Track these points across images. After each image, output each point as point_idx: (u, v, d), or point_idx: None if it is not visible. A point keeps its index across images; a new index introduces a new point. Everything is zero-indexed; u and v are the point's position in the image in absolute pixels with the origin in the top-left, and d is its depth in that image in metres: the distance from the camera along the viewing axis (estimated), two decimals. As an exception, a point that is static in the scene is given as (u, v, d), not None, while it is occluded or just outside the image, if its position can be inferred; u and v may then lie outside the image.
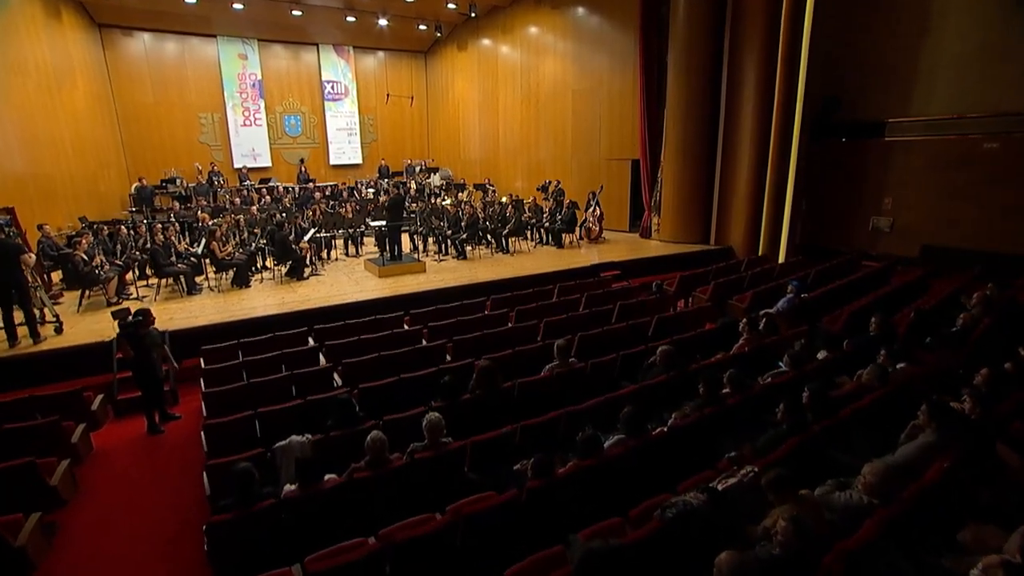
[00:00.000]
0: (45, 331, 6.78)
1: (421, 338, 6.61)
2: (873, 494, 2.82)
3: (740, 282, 9.32)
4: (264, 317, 7.34)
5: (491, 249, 11.66)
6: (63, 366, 6.35)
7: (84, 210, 12.70)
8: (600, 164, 14.53)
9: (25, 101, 11.15)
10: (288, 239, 9.28)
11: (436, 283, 8.97)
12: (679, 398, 5.09)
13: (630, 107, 13.49)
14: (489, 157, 17.99)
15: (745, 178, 11.97)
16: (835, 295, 8.55)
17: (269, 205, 13.35)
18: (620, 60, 13.59)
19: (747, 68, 11.45)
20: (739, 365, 5.51)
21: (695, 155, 12.35)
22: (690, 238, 12.80)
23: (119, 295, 8.29)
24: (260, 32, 16.99)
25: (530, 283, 9.19)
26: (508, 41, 16.47)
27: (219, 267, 8.79)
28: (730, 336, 6.73)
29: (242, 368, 5.58)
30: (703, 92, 12.00)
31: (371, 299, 8.06)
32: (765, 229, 12.09)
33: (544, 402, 4.78)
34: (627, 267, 10.72)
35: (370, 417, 4.38)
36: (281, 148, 18.15)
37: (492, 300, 7.79)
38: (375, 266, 9.60)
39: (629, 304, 7.61)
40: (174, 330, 6.82)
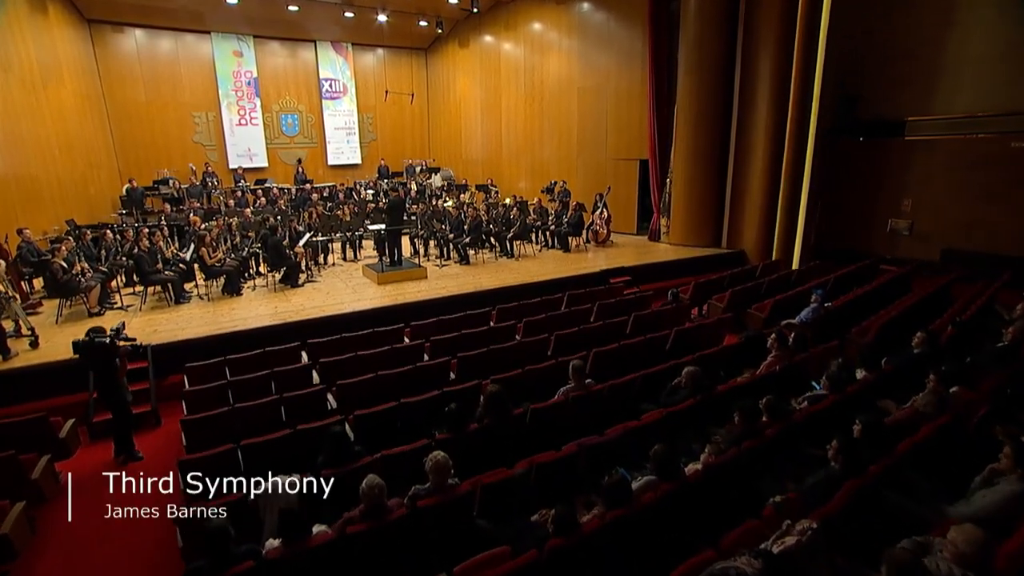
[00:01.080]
0: (19, 345, 6.32)
1: (423, 353, 6.15)
2: (968, 566, 2.36)
3: (757, 289, 8.85)
4: (255, 330, 6.88)
5: (495, 253, 11.20)
6: (36, 385, 5.90)
7: (72, 213, 12.21)
8: (607, 164, 14.05)
9: (7, 99, 10.66)
10: (282, 244, 8.81)
11: (438, 291, 8.50)
12: (706, 422, 4.64)
13: (638, 105, 13.01)
14: (491, 157, 17.50)
15: (758, 179, 11.50)
16: (860, 304, 8.08)
17: (264, 207, 12.87)
18: (627, 57, 13.12)
19: (761, 64, 10.99)
20: (770, 386, 5.06)
21: (706, 155, 11.89)
22: (701, 241, 12.33)
23: (102, 304, 7.82)
24: (256, 28, 16.49)
25: (537, 291, 8.73)
26: (511, 38, 15.99)
27: (209, 274, 8.31)
28: (755, 351, 6.27)
29: (228, 389, 5.11)
30: (715, 90, 11.53)
31: (369, 309, 7.60)
32: (779, 232, 11.63)
33: (559, 430, 4.32)
34: (638, 273, 10.26)
35: (367, 450, 3.92)
36: (278, 148, 17.65)
37: (498, 310, 7.32)
38: (374, 272, 9.13)
39: (644, 315, 7.14)
40: (157, 344, 6.35)
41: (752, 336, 6.23)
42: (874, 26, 11.07)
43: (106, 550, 3.94)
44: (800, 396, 5.06)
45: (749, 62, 11.15)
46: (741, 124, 11.51)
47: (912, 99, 10.82)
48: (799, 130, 10.89)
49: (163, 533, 3.85)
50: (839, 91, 11.29)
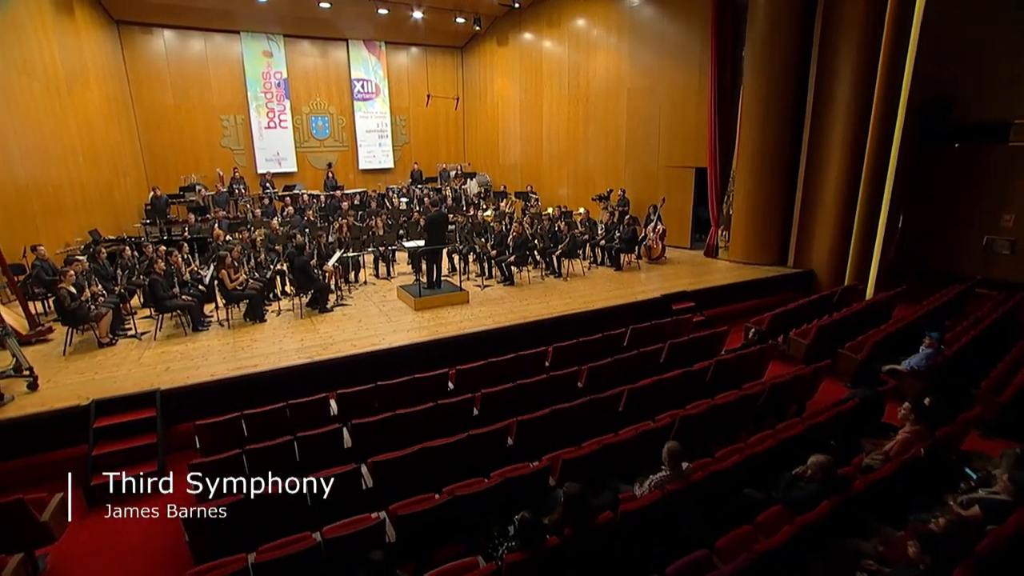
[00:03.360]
0: (16, 386, 5.60)
1: (472, 407, 5.22)
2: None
3: (846, 323, 7.69)
4: (278, 371, 6.03)
5: (540, 270, 10.22)
6: (32, 437, 5.16)
7: (96, 222, 11.68)
8: (658, 172, 12.92)
9: (30, 105, 10.12)
10: (309, 265, 7.99)
11: (482, 321, 7.56)
12: (845, 533, 3.61)
13: (695, 108, 11.86)
14: (531, 162, 16.48)
15: (833, 190, 10.28)
16: (978, 345, 6.88)
17: (292, 217, 12.13)
18: (683, 55, 11.97)
19: (841, 62, 9.75)
20: (917, 477, 3.98)
21: (773, 164, 10.70)
22: (764, 259, 11.15)
23: (114, 332, 7.10)
24: (286, 27, 15.82)
25: (593, 322, 7.74)
26: (554, 35, 14.95)
27: (229, 299, 7.53)
28: (871, 412, 5.19)
29: (243, 459, 4.25)
30: (785, 91, 10.34)
31: (407, 345, 6.69)
32: (854, 249, 10.39)
33: (655, 536, 3.35)
34: (701, 298, 9.16)
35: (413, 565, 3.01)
36: (307, 152, 16.97)
37: (554, 351, 6.34)
38: (410, 296, 8.24)
39: (727, 362, 6.08)
40: (167, 389, 5.56)
41: (868, 397, 5.12)
42: (974, 16, 9.74)
43: None
44: (956, 493, 3.98)
45: (827, 60, 9.93)
46: (815, 128, 10.30)
47: (1021, 99, 9.47)
48: (883, 135, 9.68)
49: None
50: (930, 92, 9.98)
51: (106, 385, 5.75)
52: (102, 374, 6.02)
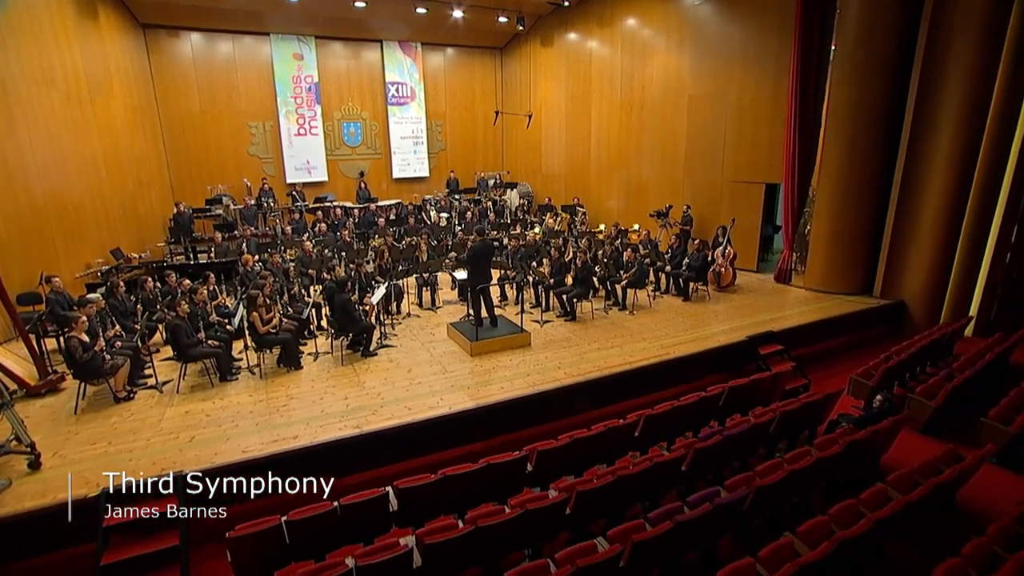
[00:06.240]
0: (16, 466, 4.74)
1: (565, 509, 4.20)
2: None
3: (980, 382, 6.50)
4: (321, 446, 5.08)
5: (603, 301, 9.15)
6: (32, 537, 4.29)
7: (119, 238, 10.95)
8: (722, 187, 11.73)
9: (48, 117, 9.41)
10: (351, 303, 7.03)
11: (552, 372, 6.51)
12: None
13: (768, 119, 10.67)
14: (576, 172, 15.37)
15: (933, 212, 9.06)
16: None
17: (325, 235, 11.24)
18: (755, 60, 10.76)
19: (951, 64, 8.47)
20: None
21: (862, 182, 9.52)
22: (846, 287, 9.97)
23: (132, 385, 6.24)
24: (318, 28, 14.97)
25: (673, 372, 6.70)
26: (605, 36, 13.82)
27: (261, 344, 6.62)
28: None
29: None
30: (878, 102, 9.14)
31: (468, 410, 5.68)
32: (955, 279, 9.18)
33: None
34: (788, 339, 8.01)
35: None
36: (339, 159, 16.11)
37: (645, 423, 5.29)
38: (464, 338, 7.24)
39: (858, 443, 4.96)
40: (192, 475, 4.63)
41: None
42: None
43: None
44: None
45: (933, 67, 8.67)
46: (915, 141, 9.05)
47: None
48: (998, 149, 8.48)
49: None
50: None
51: (120, 461, 4.86)
52: (116, 445, 5.13)
